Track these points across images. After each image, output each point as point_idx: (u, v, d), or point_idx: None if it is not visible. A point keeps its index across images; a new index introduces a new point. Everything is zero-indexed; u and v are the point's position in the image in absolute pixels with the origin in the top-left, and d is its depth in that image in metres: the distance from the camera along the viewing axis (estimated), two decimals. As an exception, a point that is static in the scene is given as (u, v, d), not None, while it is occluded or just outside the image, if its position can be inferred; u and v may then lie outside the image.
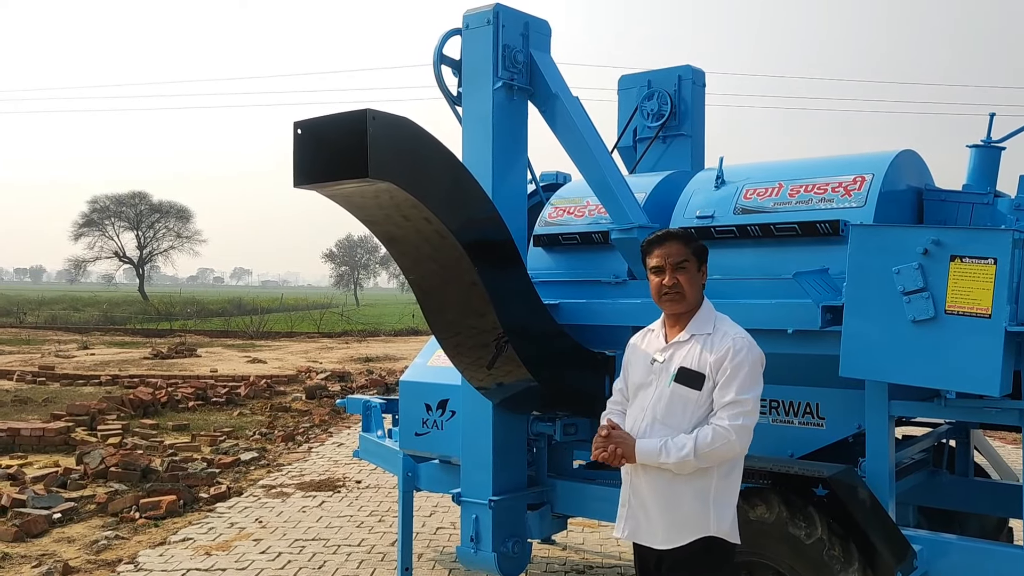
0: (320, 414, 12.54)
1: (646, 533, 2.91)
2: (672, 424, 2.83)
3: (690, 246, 2.96)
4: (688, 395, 2.83)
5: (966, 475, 4.61)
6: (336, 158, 3.07)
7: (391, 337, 31.34)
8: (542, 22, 4.36)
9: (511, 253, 3.85)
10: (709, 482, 2.82)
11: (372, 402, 5.92)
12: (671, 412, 2.85)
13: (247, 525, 6.79)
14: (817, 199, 3.81)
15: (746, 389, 2.77)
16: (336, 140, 3.08)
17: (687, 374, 2.84)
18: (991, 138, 3.98)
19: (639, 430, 2.90)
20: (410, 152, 3.25)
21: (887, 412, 3.44)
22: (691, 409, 2.82)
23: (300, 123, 3.15)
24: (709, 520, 2.81)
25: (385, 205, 3.33)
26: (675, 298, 2.92)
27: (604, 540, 6.36)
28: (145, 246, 66.61)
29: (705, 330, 2.90)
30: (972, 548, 3.44)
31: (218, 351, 22.89)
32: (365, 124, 3.02)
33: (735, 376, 2.78)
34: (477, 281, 3.57)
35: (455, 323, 3.86)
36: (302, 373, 17.12)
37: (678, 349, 2.91)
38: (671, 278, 2.92)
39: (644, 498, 2.90)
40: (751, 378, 2.79)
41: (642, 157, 5.35)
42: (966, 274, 3.00)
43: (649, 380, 2.95)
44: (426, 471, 4.97)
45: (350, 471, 8.84)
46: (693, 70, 5.31)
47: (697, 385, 2.82)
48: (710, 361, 2.81)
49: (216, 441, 10.19)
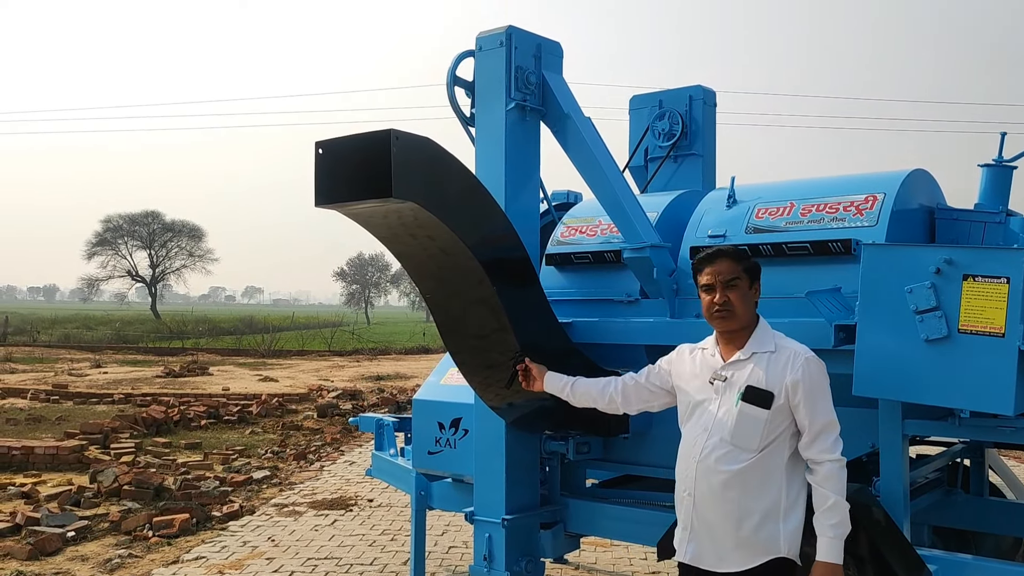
0: (332, 432, 12.55)
1: (712, 557, 2.87)
2: (741, 444, 2.82)
3: (742, 264, 2.94)
4: (757, 415, 2.80)
5: (981, 494, 4.58)
6: (359, 178, 3.08)
7: (402, 355, 31.36)
8: (554, 44, 4.40)
9: (528, 270, 3.87)
10: (779, 500, 2.81)
11: (385, 420, 5.94)
12: (740, 432, 2.83)
13: (259, 544, 6.80)
14: (829, 218, 3.82)
15: (830, 408, 2.82)
16: (359, 160, 3.09)
17: (755, 393, 2.82)
18: (1003, 157, 3.98)
19: (701, 448, 2.88)
20: (432, 172, 3.27)
21: (901, 431, 3.44)
22: (760, 428, 2.80)
23: (322, 143, 3.17)
24: (780, 540, 2.80)
25: (407, 224, 3.34)
26: (726, 316, 2.91)
27: (617, 560, 6.33)
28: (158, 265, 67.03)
29: (766, 348, 2.88)
30: (988, 568, 3.41)
31: (230, 369, 22.95)
32: (389, 144, 3.02)
33: (819, 396, 2.80)
34: (495, 298, 3.58)
35: (471, 341, 3.87)
36: (313, 391, 17.15)
37: (740, 368, 2.89)
38: (722, 296, 2.90)
39: (710, 520, 2.87)
40: (829, 395, 2.84)
41: (653, 176, 5.38)
42: (979, 293, 3.01)
43: (709, 399, 2.93)
44: (439, 490, 4.97)
45: (362, 490, 8.85)
46: (704, 90, 5.35)
47: (766, 404, 2.80)
48: (786, 383, 2.80)
49: (228, 459, 10.22)
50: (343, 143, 3.16)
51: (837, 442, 2.81)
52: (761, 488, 2.81)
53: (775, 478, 2.82)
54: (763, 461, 2.82)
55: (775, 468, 2.83)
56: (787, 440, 2.84)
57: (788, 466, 2.85)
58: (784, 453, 2.84)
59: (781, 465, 2.83)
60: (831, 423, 2.82)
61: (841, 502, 2.76)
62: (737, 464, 2.82)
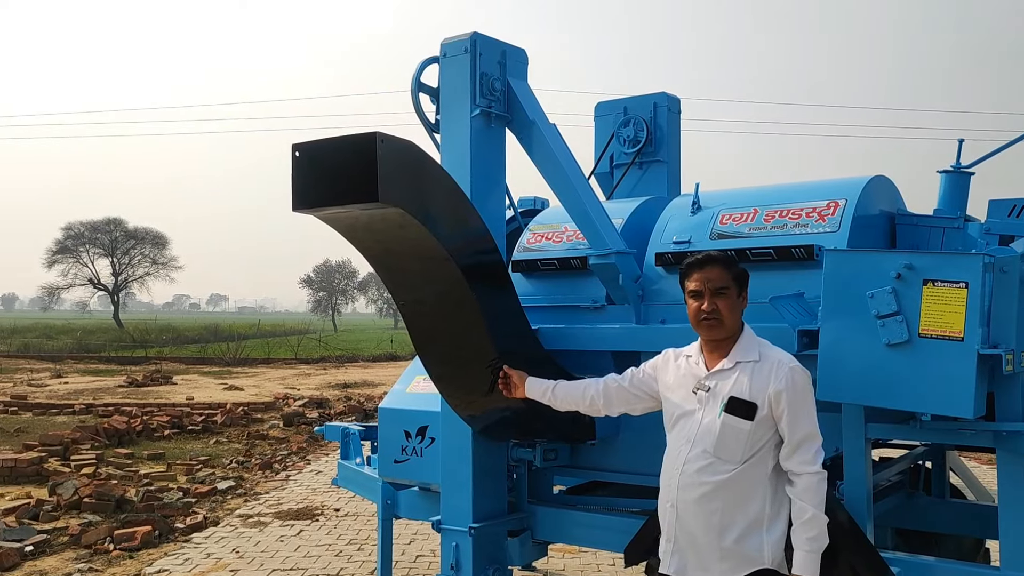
0: (298, 441, 12.43)
1: (696, 568, 2.84)
2: (724, 456, 2.79)
3: (731, 271, 2.90)
4: (740, 426, 2.78)
5: (942, 496, 4.64)
6: (342, 182, 3.00)
7: (369, 363, 31.17)
8: (519, 50, 4.40)
9: (504, 275, 3.86)
10: (762, 511, 2.79)
11: (351, 429, 5.89)
12: (723, 444, 2.80)
13: (224, 556, 6.70)
14: (792, 224, 3.85)
15: (813, 418, 2.79)
16: (341, 163, 3.01)
17: (739, 404, 2.79)
18: (961, 164, 4.05)
19: (684, 460, 2.86)
20: (416, 176, 3.20)
21: (864, 435, 3.46)
22: (743, 440, 2.78)
23: (299, 145, 3.08)
24: (763, 551, 2.78)
25: (388, 230, 3.26)
26: (714, 324, 2.87)
27: (584, 566, 6.33)
28: (120, 273, 66.06)
29: (750, 357, 2.85)
30: (950, 569, 3.46)
31: (194, 378, 22.66)
32: (375, 147, 2.95)
33: (801, 407, 2.78)
34: (474, 305, 3.52)
35: (447, 348, 3.81)
36: (279, 400, 16.97)
37: (724, 377, 2.86)
38: (710, 303, 2.86)
39: (693, 531, 2.84)
40: (813, 405, 2.82)
41: (619, 183, 5.39)
42: (938, 298, 3.04)
43: (692, 409, 2.90)
44: (405, 498, 4.93)
45: (328, 499, 8.76)
46: (668, 97, 5.38)
47: (750, 416, 2.77)
48: (769, 392, 2.77)
49: (192, 470, 10.07)
50: (323, 145, 3.07)
51: (818, 454, 2.78)
52: (745, 499, 2.79)
53: (759, 489, 2.80)
54: (747, 472, 2.79)
55: (759, 479, 2.80)
56: (771, 450, 2.82)
57: (772, 476, 2.83)
58: (768, 463, 2.82)
59: (765, 475, 2.81)
60: (812, 434, 2.78)
61: (819, 516, 2.74)
62: (720, 475, 2.80)
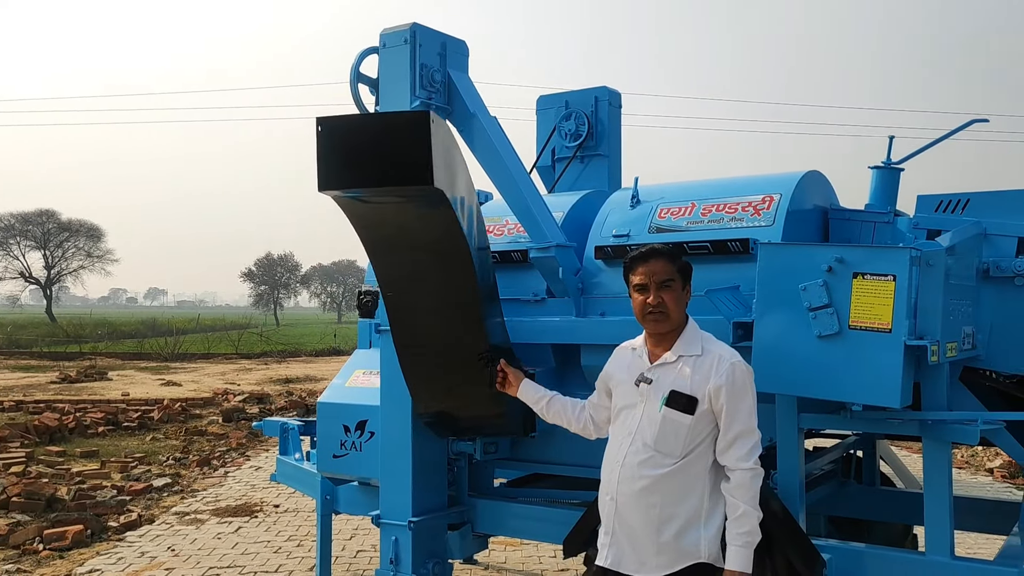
0: (237, 437, 12.23)
1: (633, 562, 2.84)
2: (664, 450, 2.81)
3: (676, 264, 2.92)
4: (681, 420, 2.79)
5: (873, 484, 4.76)
6: (384, 162, 2.88)
7: (312, 357, 30.82)
8: (459, 42, 4.38)
9: (492, 270, 3.86)
10: (700, 506, 2.80)
11: (290, 424, 5.82)
12: (663, 438, 2.81)
13: (159, 554, 6.57)
14: (728, 218, 3.90)
15: (752, 415, 2.79)
16: (382, 142, 2.88)
17: (679, 398, 2.80)
18: (891, 160, 4.15)
19: (624, 453, 2.86)
20: (452, 161, 3.12)
21: (796, 425, 3.53)
22: (683, 434, 2.79)
23: (324, 120, 2.91)
24: (700, 546, 2.79)
25: (414, 215, 3.14)
26: (659, 318, 2.88)
27: (526, 558, 6.35)
28: (53, 266, 64.19)
29: (693, 351, 2.86)
30: (879, 555, 3.54)
31: (130, 374, 22.14)
32: (429, 127, 2.82)
33: (740, 402, 2.78)
34: (476, 296, 3.45)
35: (433, 342, 3.72)
36: (219, 396, 16.68)
37: (666, 371, 2.87)
38: (656, 297, 2.87)
39: (631, 525, 2.84)
40: (752, 401, 2.82)
41: (560, 176, 5.41)
42: (868, 290, 3.11)
43: (634, 402, 2.91)
44: (345, 494, 4.89)
45: (268, 495, 8.65)
46: (610, 91, 5.41)
47: (690, 410, 2.79)
48: (709, 387, 2.79)
49: (127, 467, 9.85)
50: (356, 121, 2.95)
51: (754, 450, 2.80)
52: (683, 494, 2.81)
53: (698, 484, 2.81)
54: (686, 467, 2.81)
55: (698, 474, 2.82)
56: (711, 445, 2.84)
57: (712, 472, 2.85)
58: (708, 458, 2.84)
59: (704, 471, 2.83)
60: (749, 431, 2.80)
61: (751, 512, 2.76)
62: (659, 470, 2.81)
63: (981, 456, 10.14)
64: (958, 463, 10.09)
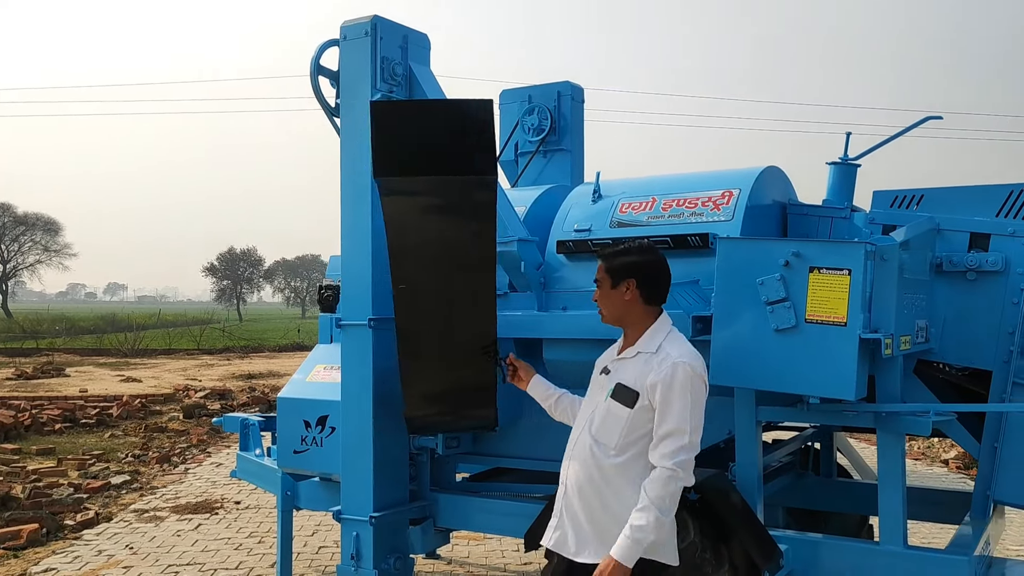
0: (198, 434, 12.09)
1: (573, 546, 2.88)
2: (603, 440, 2.84)
3: (607, 263, 2.97)
4: (620, 412, 2.81)
5: (830, 476, 4.84)
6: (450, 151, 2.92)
7: (275, 353, 30.54)
8: (421, 35, 4.36)
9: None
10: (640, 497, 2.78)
11: (250, 420, 5.77)
12: (604, 428, 2.85)
13: (116, 552, 6.47)
14: (688, 213, 3.94)
15: (684, 416, 2.73)
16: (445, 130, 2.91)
17: (622, 391, 2.83)
18: (848, 156, 4.21)
19: (575, 440, 2.95)
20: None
21: (755, 418, 3.58)
22: (621, 427, 2.81)
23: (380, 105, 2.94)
24: None
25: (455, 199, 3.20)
26: (600, 313, 3.03)
27: (489, 552, 6.36)
28: (8, 261, 62.95)
29: (650, 348, 2.88)
30: (834, 545, 3.60)
31: (89, 370, 21.78)
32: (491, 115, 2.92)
33: (674, 400, 2.74)
34: (491, 287, 3.49)
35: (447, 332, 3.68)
36: (180, 392, 16.46)
37: (624, 365, 2.91)
38: (596, 293, 3.02)
39: (575, 511, 2.89)
40: (689, 403, 2.75)
41: (523, 171, 5.41)
42: (824, 284, 3.16)
43: (595, 392, 2.98)
44: (306, 489, 4.86)
45: (229, 492, 8.56)
46: (572, 86, 5.42)
47: (629, 403, 2.80)
48: (647, 383, 2.79)
49: (85, 465, 9.67)
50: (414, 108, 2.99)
51: (679, 452, 2.72)
52: (624, 488, 2.82)
53: (639, 482, 2.79)
54: (629, 463, 2.82)
55: (640, 471, 2.80)
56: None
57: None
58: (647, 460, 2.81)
59: (646, 469, 2.80)
60: (679, 431, 2.73)
61: (653, 510, 2.68)
62: (604, 460, 2.84)
63: (937, 448, 10.33)
64: (915, 455, 10.28)
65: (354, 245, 4.19)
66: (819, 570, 3.52)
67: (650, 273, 2.94)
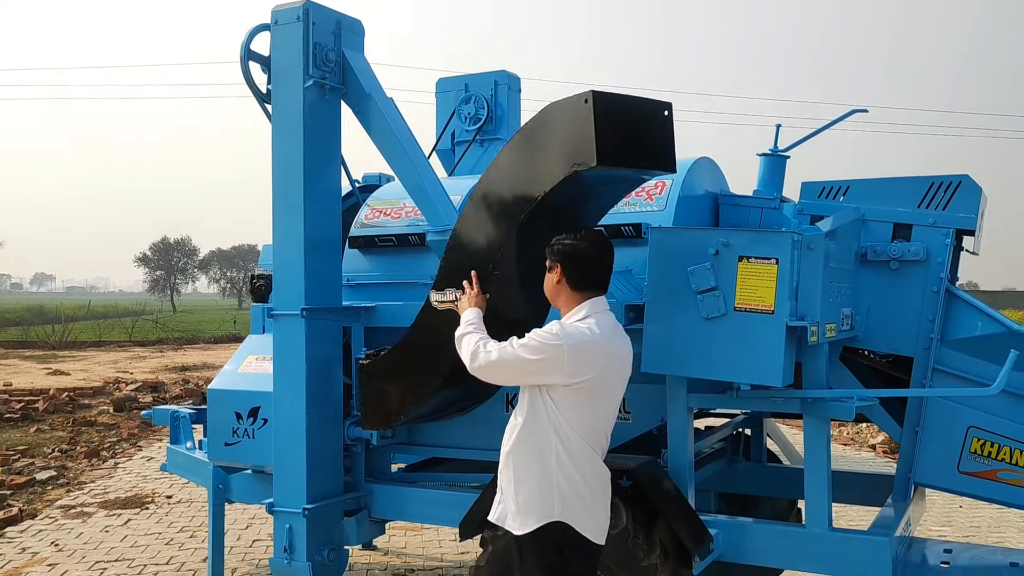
0: (129, 427, 11.79)
1: (505, 517, 2.99)
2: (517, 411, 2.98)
3: (548, 248, 3.06)
4: None
5: (760, 461, 4.94)
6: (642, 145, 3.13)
7: (211, 344, 29.97)
8: (355, 21, 4.30)
9: None
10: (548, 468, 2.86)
11: (181, 412, 5.65)
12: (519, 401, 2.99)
13: (41, 549, 6.28)
14: (622, 203, 3.96)
15: (520, 344, 2.86)
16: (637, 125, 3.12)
17: None
18: (778, 148, 4.29)
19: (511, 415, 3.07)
20: None
21: (686, 404, 3.63)
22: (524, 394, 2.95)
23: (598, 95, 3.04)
24: (553, 505, 2.85)
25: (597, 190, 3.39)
26: None
27: (426, 543, 6.35)
28: (-73, 250, 60.48)
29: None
30: (762, 529, 3.69)
31: (14, 363, 21.06)
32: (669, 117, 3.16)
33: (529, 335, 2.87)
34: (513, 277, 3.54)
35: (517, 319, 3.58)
36: (110, 384, 16.03)
37: None
38: None
39: (503, 484, 3.01)
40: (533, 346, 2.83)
41: (460, 160, 5.39)
42: (752, 273, 3.22)
43: None
44: (238, 482, 4.78)
45: (160, 486, 8.38)
46: (509, 75, 5.41)
47: None
48: None
49: (8, 460, 9.36)
50: (618, 101, 3.09)
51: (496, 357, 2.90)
52: (533, 455, 2.89)
53: (546, 447, 2.86)
54: (534, 431, 2.89)
55: (544, 437, 2.87)
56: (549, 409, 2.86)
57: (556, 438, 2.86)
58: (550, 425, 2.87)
59: (551, 435, 2.86)
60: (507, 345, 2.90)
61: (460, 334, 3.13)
62: (516, 430, 2.95)
63: (865, 433, 10.64)
64: (844, 440, 10.57)
65: (286, 233, 4.13)
66: (748, 553, 3.60)
67: (577, 258, 2.98)
